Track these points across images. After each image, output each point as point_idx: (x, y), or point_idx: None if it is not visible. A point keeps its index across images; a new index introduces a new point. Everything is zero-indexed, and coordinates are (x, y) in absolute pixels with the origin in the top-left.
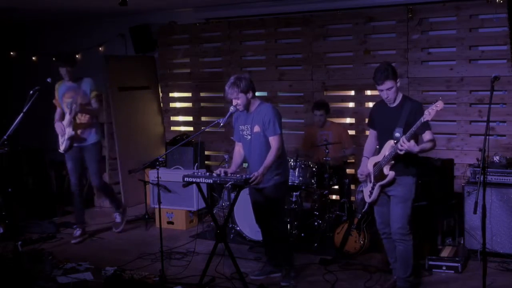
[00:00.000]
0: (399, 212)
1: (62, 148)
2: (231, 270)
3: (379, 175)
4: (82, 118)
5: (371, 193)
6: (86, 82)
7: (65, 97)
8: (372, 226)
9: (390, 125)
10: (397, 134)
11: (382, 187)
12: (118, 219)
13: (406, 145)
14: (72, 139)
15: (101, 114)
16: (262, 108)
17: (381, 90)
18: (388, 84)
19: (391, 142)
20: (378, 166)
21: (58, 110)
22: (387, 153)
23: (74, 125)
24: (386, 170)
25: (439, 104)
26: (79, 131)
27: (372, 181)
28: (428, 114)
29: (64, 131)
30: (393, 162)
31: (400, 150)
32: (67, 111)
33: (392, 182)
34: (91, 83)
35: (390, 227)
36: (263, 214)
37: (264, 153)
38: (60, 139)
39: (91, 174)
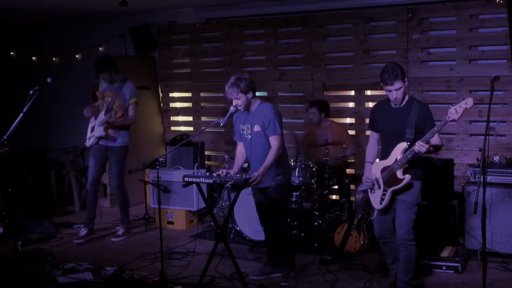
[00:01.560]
0: (405, 218)
1: (88, 143)
2: (231, 270)
3: (391, 180)
4: (117, 120)
5: (382, 199)
6: (128, 86)
7: (105, 95)
8: (372, 226)
9: (398, 127)
10: (409, 136)
11: (394, 192)
12: (120, 231)
13: (425, 147)
14: (100, 138)
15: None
16: (262, 108)
17: (390, 91)
18: (398, 84)
19: (403, 145)
20: (389, 171)
21: (97, 102)
22: (399, 157)
23: (107, 125)
24: (400, 174)
25: (469, 102)
26: (110, 130)
27: (382, 186)
28: (455, 112)
29: (91, 135)
30: (407, 165)
31: (420, 152)
32: (103, 108)
33: (407, 187)
34: (133, 88)
35: (388, 232)
36: (267, 215)
37: (265, 153)
38: (89, 134)
39: (111, 176)
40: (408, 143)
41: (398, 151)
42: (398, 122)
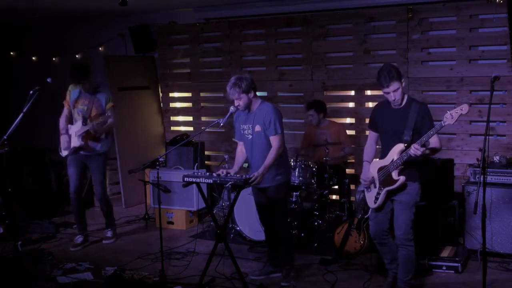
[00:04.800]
0: (403, 219)
1: (64, 153)
2: (231, 270)
3: (387, 180)
4: (100, 127)
5: (376, 198)
6: (103, 93)
7: (77, 103)
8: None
9: (397, 127)
10: (407, 138)
11: (389, 193)
12: (109, 234)
13: (420, 151)
14: (78, 148)
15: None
16: (263, 108)
17: (388, 93)
18: (395, 85)
19: (400, 146)
20: (385, 171)
21: (65, 111)
22: (396, 158)
23: (86, 135)
24: (395, 175)
25: (465, 108)
26: (89, 142)
27: (378, 186)
28: (451, 117)
29: (69, 145)
30: (402, 167)
31: (415, 155)
32: (78, 117)
33: (402, 187)
34: (108, 94)
35: (384, 233)
36: (267, 215)
37: (266, 153)
38: (64, 144)
39: (95, 184)
40: (405, 145)
41: (395, 152)
42: (397, 123)
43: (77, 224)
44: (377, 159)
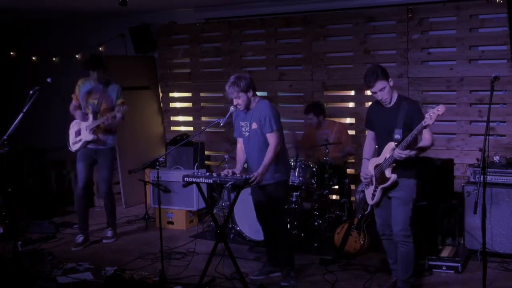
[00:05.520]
0: (401, 215)
1: (74, 147)
2: (231, 270)
3: (381, 178)
4: (114, 122)
5: (373, 195)
6: (113, 87)
7: (89, 97)
8: (372, 226)
9: (388, 126)
10: (397, 136)
11: (384, 190)
12: (109, 233)
13: (404, 154)
14: (89, 142)
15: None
16: (259, 105)
17: (375, 92)
18: (379, 85)
19: (391, 145)
20: (379, 169)
21: (74, 104)
22: (387, 156)
23: (97, 129)
24: (387, 173)
25: (441, 109)
26: (100, 134)
27: (374, 183)
28: (430, 118)
29: (79, 132)
30: (394, 164)
31: (400, 158)
32: (89, 111)
33: (394, 185)
34: (119, 89)
35: (391, 229)
36: (264, 213)
37: (263, 150)
38: (73, 139)
39: (101, 179)
40: (396, 143)
41: (387, 150)
42: (388, 122)
43: (79, 223)
44: (375, 157)
